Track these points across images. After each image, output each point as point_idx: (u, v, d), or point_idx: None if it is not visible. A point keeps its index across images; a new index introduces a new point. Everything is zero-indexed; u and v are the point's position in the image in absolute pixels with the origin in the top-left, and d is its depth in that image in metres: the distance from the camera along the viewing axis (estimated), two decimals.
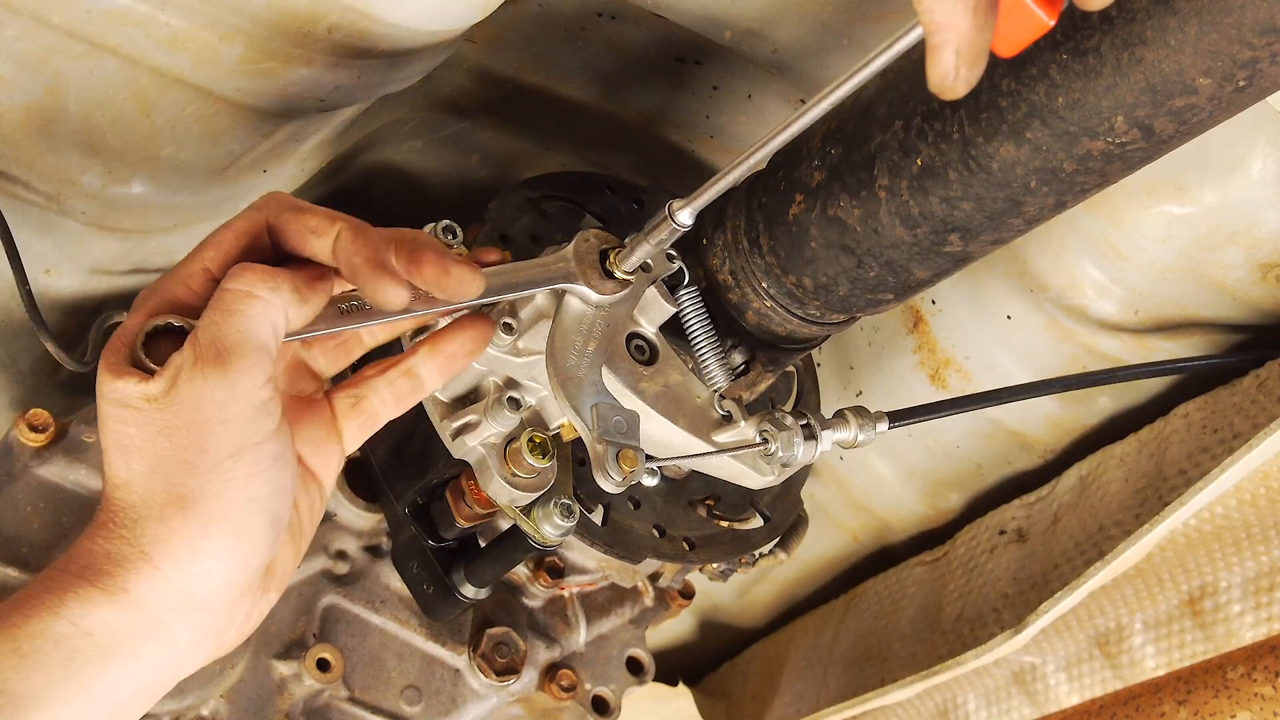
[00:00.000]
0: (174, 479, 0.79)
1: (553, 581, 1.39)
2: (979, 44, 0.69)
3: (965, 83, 0.71)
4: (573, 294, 1.01)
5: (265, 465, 0.81)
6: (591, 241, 1.03)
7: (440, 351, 0.95)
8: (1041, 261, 1.39)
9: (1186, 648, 1.39)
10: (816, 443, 1.09)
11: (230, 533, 0.80)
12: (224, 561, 0.81)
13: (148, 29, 1.05)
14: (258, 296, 0.81)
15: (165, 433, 0.79)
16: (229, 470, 0.80)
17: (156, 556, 0.79)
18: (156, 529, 0.79)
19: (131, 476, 0.80)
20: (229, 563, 0.81)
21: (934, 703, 1.68)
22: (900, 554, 1.85)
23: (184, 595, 0.80)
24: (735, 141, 1.58)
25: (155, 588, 0.79)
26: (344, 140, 1.41)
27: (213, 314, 0.81)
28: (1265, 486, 1.32)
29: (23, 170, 1.23)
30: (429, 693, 1.33)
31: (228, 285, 0.81)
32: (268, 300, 0.81)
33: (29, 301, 1.21)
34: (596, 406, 0.99)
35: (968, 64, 0.70)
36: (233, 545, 0.81)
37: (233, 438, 0.80)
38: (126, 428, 0.80)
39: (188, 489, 0.79)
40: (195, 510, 0.79)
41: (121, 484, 0.81)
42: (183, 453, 0.79)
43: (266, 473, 0.82)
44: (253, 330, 0.80)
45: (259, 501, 0.81)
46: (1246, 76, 0.79)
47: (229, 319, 0.80)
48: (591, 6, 1.35)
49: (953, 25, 0.68)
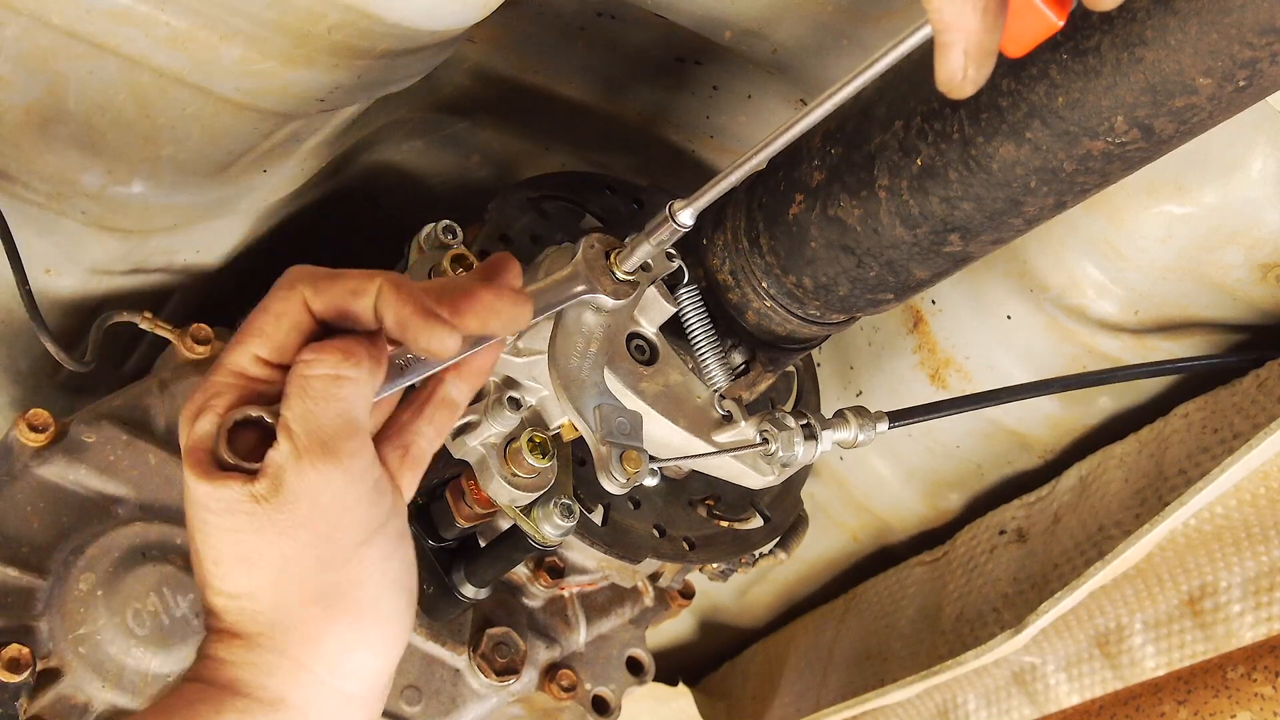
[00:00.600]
0: (307, 578, 0.77)
1: (553, 581, 1.39)
2: (988, 44, 0.69)
3: (973, 83, 0.71)
4: (590, 304, 1.01)
5: (394, 543, 0.80)
6: (597, 247, 1.02)
7: (468, 370, 0.91)
8: (1041, 261, 1.39)
9: (1186, 648, 1.38)
10: (816, 443, 1.09)
11: (380, 620, 0.79)
12: (376, 651, 0.79)
13: (148, 29, 1.05)
14: (346, 377, 0.78)
15: (286, 533, 0.76)
16: (364, 557, 0.78)
17: (307, 660, 0.77)
18: (300, 632, 0.77)
19: (256, 586, 0.77)
20: (381, 651, 0.80)
21: (934, 703, 1.68)
22: (900, 554, 1.85)
23: (339, 693, 0.78)
24: (735, 141, 1.58)
25: (310, 690, 0.77)
26: (344, 140, 1.41)
27: (303, 403, 0.77)
28: (1265, 486, 1.32)
29: (23, 170, 1.23)
30: (429, 693, 1.33)
31: (311, 372, 0.78)
32: (357, 379, 0.78)
33: (29, 301, 1.21)
34: (599, 408, 0.99)
35: (976, 64, 0.70)
36: (383, 633, 0.79)
37: (360, 524, 0.78)
38: (243, 537, 0.76)
39: (327, 587, 0.77)
40: (340, 605, 0.77)
41: (244, 594, 0.77)
42: (313, 550, 0.76)
43: (396, 549, 0.80)
44: (353, 413, 0.78)
45: (398, 582, 0.80)
46: (1246, 76, 0.79)
47: (323, 405, 0.77)
48: (591, 6, 1.35)
49: (961, 25, 0.68)
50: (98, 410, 1.27)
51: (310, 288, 0.81)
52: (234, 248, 1.47)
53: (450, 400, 0.90)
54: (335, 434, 0.77)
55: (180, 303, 1.54)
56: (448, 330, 0.80)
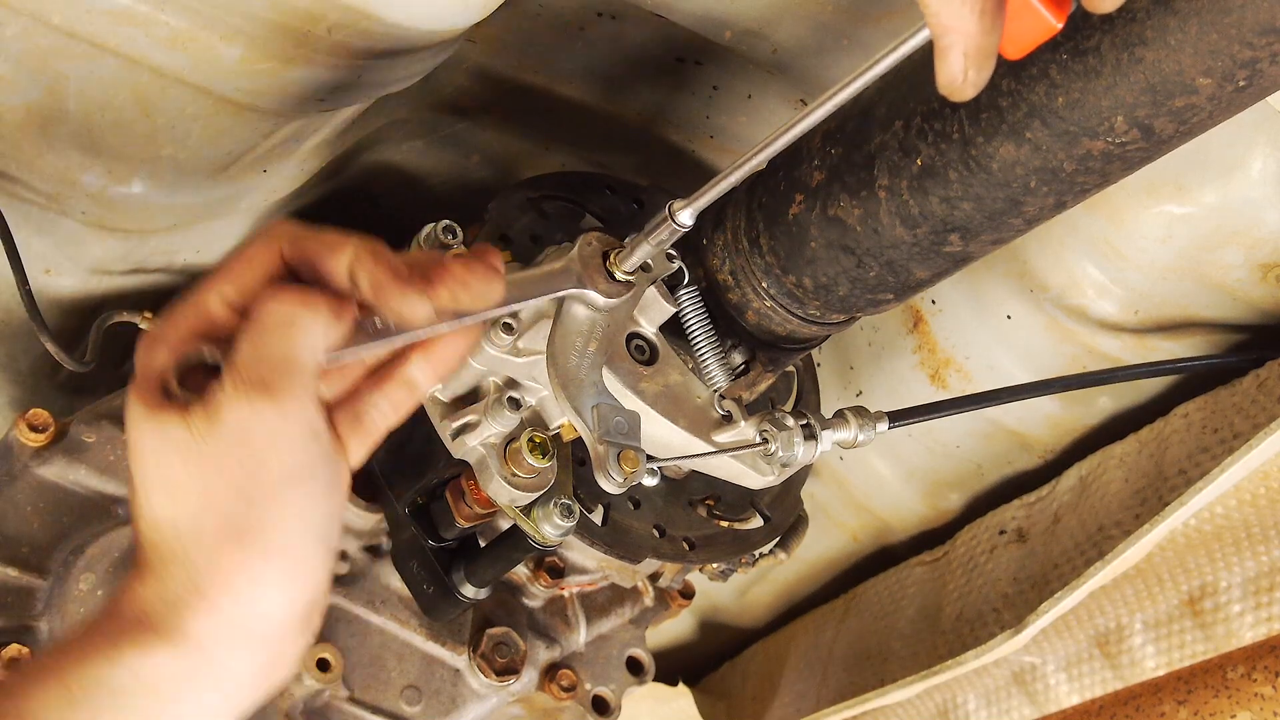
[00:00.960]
0: (228, 512, 0.77)
1: (553, 581, 1.39)
2: (987, 46, 0.69)
3: (974, 85, 0.71)
4: (580, 299, 1.01)
5: (320, 491, 0.80)
6: (594, 245, 1.02)
7: (435, 356, 0.92)
8: (1041, 261, 1.39)
9: (1186, 648, 1.38)
10: (816, 443, 1.09)
11: (291, 562, 0.79)
12: (285, 591, 0.79)
13: (148, 29, 1.05)
14: (298, 319, 0.79)
15: (214, 466, 0.77)
16: (285, 497, 0.78)
17: (213, 593, 0.77)
18: (212, 565, 0.77)
19: (178, 514, 0.78)
20: (290, 592, 0.79)
21: (934, 703, 1.68)
22: (900, 554, 1.85)
23: (244, 631, 0.78)
24: (735, 141, 1.58)
25: (215, 625, 0.77)
26: (344, 140, 1.41)
27: (252, 340, 0.79)
28: (1265, 486, 1.32)
29: (23, 170, 1.23)
30: (429, 693, 1.33)
31: (265, 310, 0.80)
32: (308, 323, 0.79)
33: (29, 301, 1.21)
34: (597, 407, 0.99)
35: (976, 66, 0.70)
36: (293, 574, 0.79)
37: (288, 465, 0.78)
38: (170, 465, 0.77)
39: (243, 520, 0.77)
40: (254, 540, 0.77)
41: (166, 523, 0.78)
42: (235, 484, 0.77)
43: (321, 498, 0.80)
44: (297, 354, 0.79)
45: (317, 528, 0.80)
46: (1246, 76, 0.79)
47: (271, 344, 0.78)
48: (591, 6, 1.35)
49: (960, 28, 0.68)
50: (98, 410, 1.27)
51: (289, 241, 0.84)
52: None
53: (411, 380, 0.91)
54: (276, 371, 0.78)
55: None
56: (419, 296, 0.81)
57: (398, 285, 0.81)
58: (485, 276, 0.86)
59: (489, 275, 0.86)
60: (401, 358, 0.92)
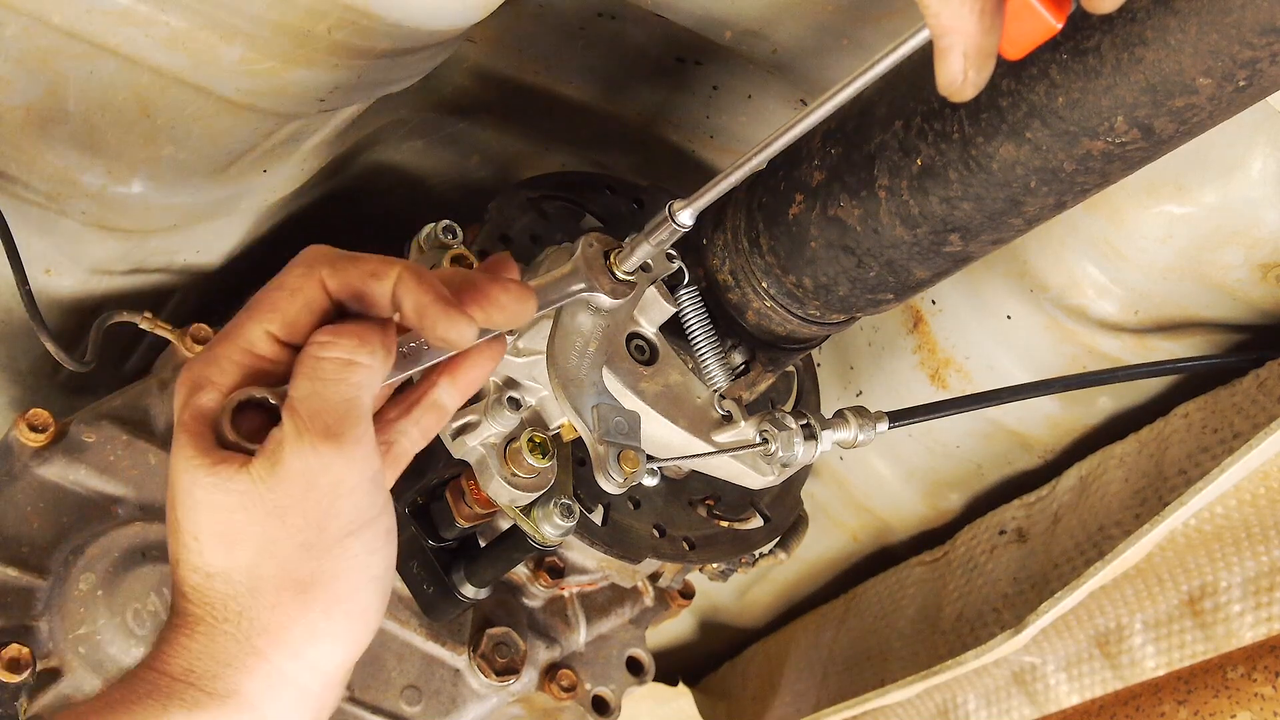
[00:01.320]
0: (289, 562, 0.75)
1: (553, 581, 1.39)
2: (987, 46, 0.69)
3: (974, 85, 0.71)
4: (587, 301, 1.01)
5: (381, 540, 0.78)
6: (596, 246, 1.02)
7: (462, 378, 0.90)
8: (1041, 261, 1.39)
9: (1186, 648, 1.38)
10: (816, 443, 1.09)
11: (352, 615, 0.77)
12: (343, 645, 0.77)
13: (148, 29, 1.05)
14: (359, 363, 0.77)
15: (276, 514, 0.74)
16: (350, 548, 0.76)
17: (270, 651, 0.75)
18: (268, 617, 0.75)
19: (232, 564, 0.75)
20: (347, 646, 0.78)
21: (934, 703, 1.68)
22: (900, 554, 1.85)
23: (297, 687, 0.76)
24: (735, 141, 1.58)
25: (269, 686, 0.75)
26: (344, 140, 1.41)
27: (311, 384, 0.76)
28: (1265, 486, 1.32)
29: (23, 170, 1.23)
30: (429, 693, 1.33)
31: (323, 354, 0.77)
32: (369, 365, 0.77)
33: (29, 301, 1.21)
34: (597, 407, 0.99)
35: (976, 67, 0.70)
36: (352, 627, 0.77)
37: (352, 514, 0.76)
38: (229, 515, 0.74)
39: (305, 571, 0.75)
40: (316, 593, 0.75)
41: (219, 573, 0.75)
42: (299, 534, 0.74)
43: (382, 547, 0.78)
44: (361, 400, 0.76)
45: (378, 580, 0.78)
46: (1246, 76, 0.79)
47: (334, 389, 0.76)
48: (591, 6, 1.35)
49: (960, 28, 0.68)
50: (98, 410, 1.27)
51: (329, 268, 0.80)
52: (234, 248, 1.47)
53: (440, 404, 0.89)
54: (341, 418, 0.75)
55: (180, 303, 1.54)
56: (466, 320, 0.79)
57: (443, 309, 0.78)
58: (520, 296, 0.84)
59: (523, 295, 0.84)
60: (428, 381, 0.89)
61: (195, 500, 0.75)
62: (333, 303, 0.81)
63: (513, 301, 0.83)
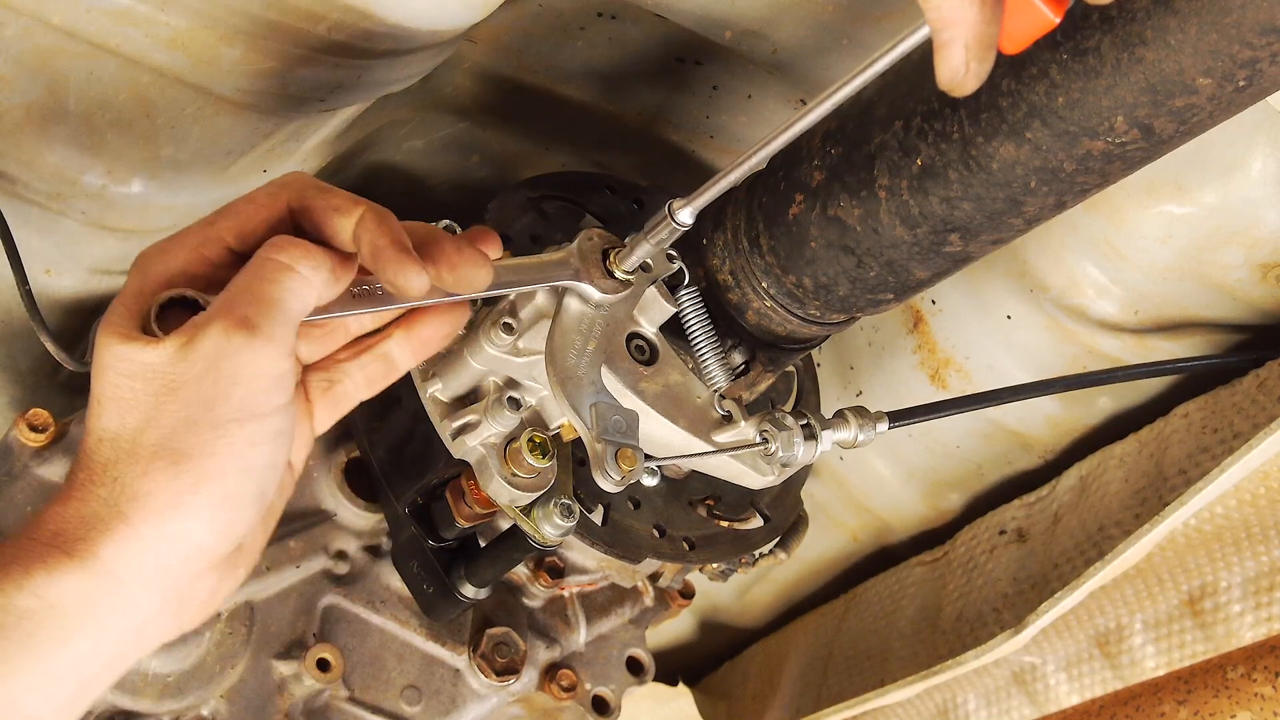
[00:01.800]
0: (170, 433, 0.77)
1: (553, 581, 1.39)
2: (988, 37, 0.69)
3: (976, 76, 0.71)
4: (574, 292, 1.01)
5: (267, 437, 0.80)
6: (595, 240, 1.03)
7: (415, 335, 0.93)
8: (1041, 261, 1.39)
9: (1186, 648, 1.38)
10: (816, 443, 1.09)
11: (219, 495, 0.78)
12: (205, 524, 0.78)
13: (148, 29, 1.05)
14: (298, 272, 0.80)
15: (171, 388, 0.77)
16: (231, 433, 0.78)
17: (134, 516, 0.76)
18: (138, 483, 0.76)
19: (122, 428, 0.77)
20: (210, 526, 0.78)
21: (934, 703, 1.68)
22: (900, 554, 1.85)
23: (156, 559, 0.77)
24: (735, 141, 1.58)
25: (128, 551, 0.76)
26: (344, 140, 1.41)
27: (248, 280, 0.79)
28: (1265, 486, 1.32)
29: (23, 170, 1.23)
30: (429, 693, 1.33)
31: (270, 255, 0.80)
32: (307, 278, 0.80)
33: (29, 301, 1.21)
34: (595, 406, 0.99)
35: (978, 58, 0.70)
36: (217, 508, 0.78)
37: (243, 402, 0.78)
38: (130, 384, 0.77)
39: (183, 444, 0.77)
40: (187, 465, 0.77)
41: (108, 437, 0.78)
42: (186, 408, 0.77)
43: (267, 444, 0.80)
44: (288, 304, 0.79)
45: (253, 471, 0.79)
46: (1246, 76, 0.79)
47: (266, 287, 0.79)
48: (591, 6, 1.35)
49: (961, 20, 0.68)
50: None
51: (298, 192, 0.85)
52: None
53: (389, 357, 0.92)
54: (261, 312, 0.78)
55: None
56: (417, 269, 0.82)
57: (396, 252, 0.82)
58: (474, 262, 0.87)
59: (477, 261, 0.87)
60: (382, 333, 0.92)
61: (103, 365, 0.79)
62: (294, 226, 0.85)
63: (466, 264, 0.86)
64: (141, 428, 0.77)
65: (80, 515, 0.77)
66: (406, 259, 0.82)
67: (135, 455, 0.77)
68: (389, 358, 0.93)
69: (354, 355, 0.92)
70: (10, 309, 1.40)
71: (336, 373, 0.92)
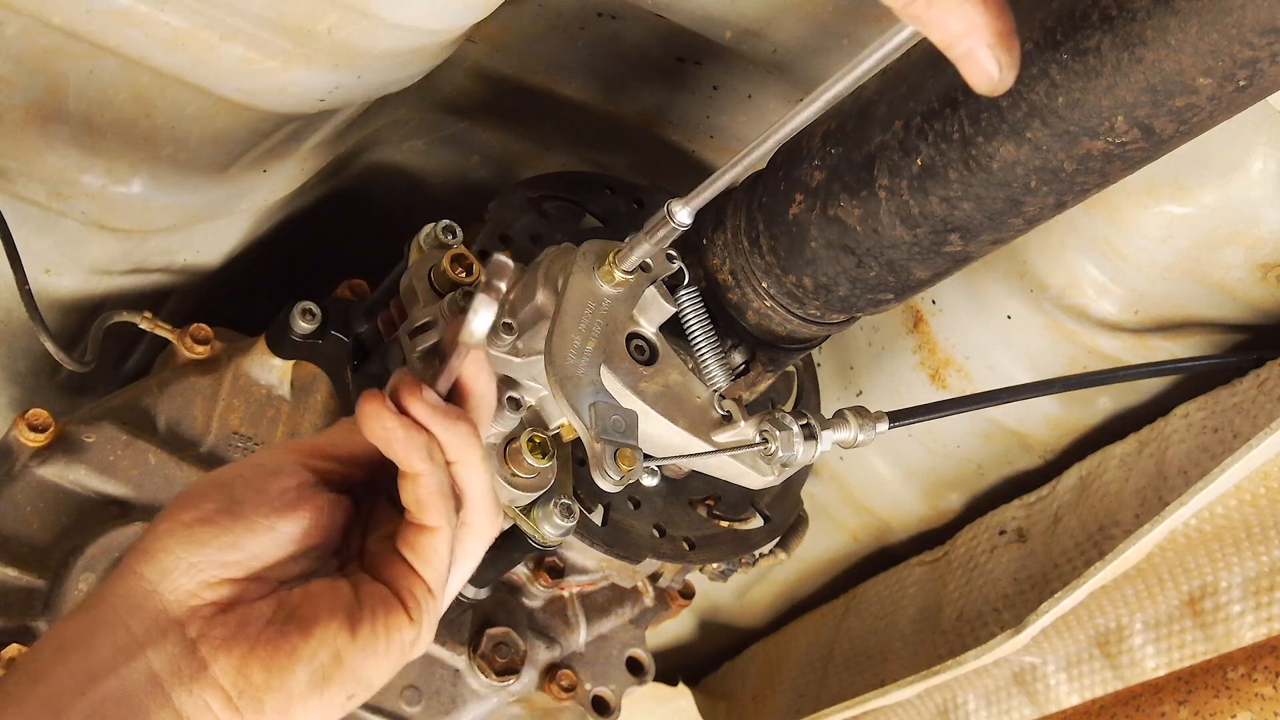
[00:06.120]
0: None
1: (553, 581, 1.39)
2: (1005, 28, 0.68)
3: (1011, 69, 0.68)
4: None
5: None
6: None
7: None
8: (1041, 261, 1.39)
9: (1187, 648, 1.38)
10: (816, 443, 1.09)
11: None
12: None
13: (148, 29, 1.05)
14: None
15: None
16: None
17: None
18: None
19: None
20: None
21: (934, 703, 1.68)
22: (900, 554, 1.85)
23: None
24: (735, 141, 1.58)
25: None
26: (344, 140, 1.41)
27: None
28: (1265, 486, 1.32)
29: (23, 170, 1.23)
30: (429, 693, 1.33)
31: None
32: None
33: (29, 301, 1.21)
34: (595, 405, 0.99)
35: (1005, 50, 0.68)
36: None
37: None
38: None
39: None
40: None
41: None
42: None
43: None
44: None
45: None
46: (1247, 76, 0.79)
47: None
48: (591, 6, 1.35)
49: (970, 29, 0.67)
50: (98, 410, 1.27)
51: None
52: (234, 248, 1.47)
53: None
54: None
55: (180, 303, 1.54)
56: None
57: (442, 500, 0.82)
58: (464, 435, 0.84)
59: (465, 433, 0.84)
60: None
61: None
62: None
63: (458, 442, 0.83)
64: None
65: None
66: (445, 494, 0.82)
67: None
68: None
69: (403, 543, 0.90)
70: (10, 309, 1.40)
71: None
